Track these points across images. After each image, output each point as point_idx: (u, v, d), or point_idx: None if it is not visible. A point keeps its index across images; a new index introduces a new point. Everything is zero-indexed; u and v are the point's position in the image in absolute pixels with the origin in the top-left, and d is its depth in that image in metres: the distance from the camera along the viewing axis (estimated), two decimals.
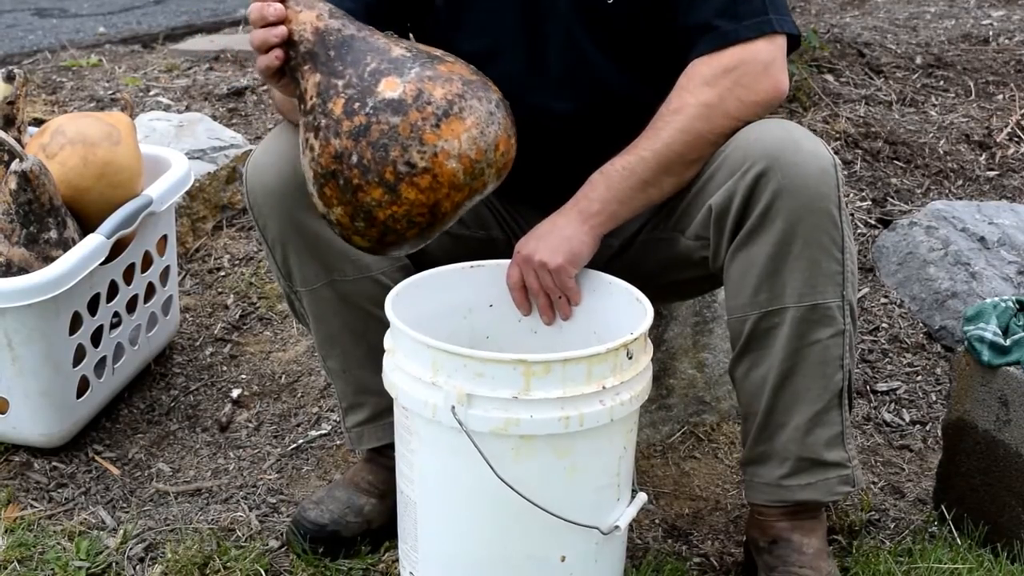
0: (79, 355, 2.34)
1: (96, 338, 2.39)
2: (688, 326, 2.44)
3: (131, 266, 2.46)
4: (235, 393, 2.58)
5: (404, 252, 1.85)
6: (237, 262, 2.97)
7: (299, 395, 2.58)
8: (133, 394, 2.58)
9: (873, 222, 3.05)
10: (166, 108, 3.58)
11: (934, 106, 3.69)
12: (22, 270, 2.26)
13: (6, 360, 2.26)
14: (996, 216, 2.91)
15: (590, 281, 1.95)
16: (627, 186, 1.88)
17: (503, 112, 1.77)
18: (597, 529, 1.80)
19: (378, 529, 2.12)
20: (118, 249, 2.39)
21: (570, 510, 1.77)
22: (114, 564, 2.11)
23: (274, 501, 2.28)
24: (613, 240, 1.99)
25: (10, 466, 2.37)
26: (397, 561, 2.01)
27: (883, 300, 2.81)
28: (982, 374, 2.06)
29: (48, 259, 2.27)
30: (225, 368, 2.67)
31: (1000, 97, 3.76)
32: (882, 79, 3.82)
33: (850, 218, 2.48)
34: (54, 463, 2.38)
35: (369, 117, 1.70)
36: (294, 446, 2.44)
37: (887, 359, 2.66)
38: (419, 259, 2.01)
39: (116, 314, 2.45)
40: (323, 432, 2.47)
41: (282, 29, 1.75)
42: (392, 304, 1.83)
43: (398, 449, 1.87)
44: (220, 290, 2.90)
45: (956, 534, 2.13)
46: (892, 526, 2.21)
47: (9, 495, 2.29)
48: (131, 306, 2.49)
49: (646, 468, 2.36)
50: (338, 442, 2.43)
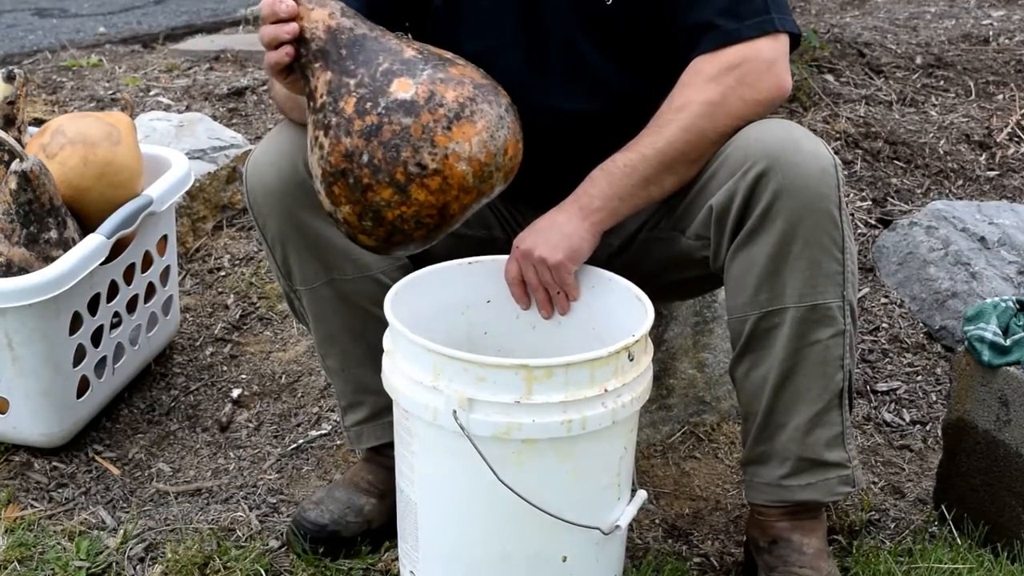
0: (79, 355, 2.34)
1: (96, 338, 2.39)
2: (688, 326, 2.44)
3: (131, 266, 2.46)
4: (235, 393, 2.58)
5: (409, 252, 1.86)
6: (237, 262, 2.97)
7: (299, 395, 2.58)
8: (133, 394, 2.57)
9: (873, 222, 3.05)
10: (166, 108, 3.58)
11: (934, 106, 3.68)
12: (22, 270, 2.26)
13: (6, 360, 2.26)
14: (996, 216, 2.90)
15: (590, 277, 1.95)
16: (629, 183, 1.88)
17: (512, 116, 1.77)
18: (598, 529, 1.80)
19: (378, 529, 2.12)
20: (118, 249, 2.39)
21: (572, 511, 1.77)
22: (114, 564, 2.11)
23: (274, 501, 2.28)
24: (613, 239, 1.99)
25: (10, 466, 2.37)
26: (397, 560, 2.01)
27: (883, 300, 2.81)
28: (982, 374, 2.06)
29: (48, 259, 2.27)
30: (225, 368, 2.66)
31: (1000, 97, 3.76)
32: (882, 79, 3.82)
33: (850, 218, 2.47)
34: (54, 463, 2.38)
35: (381, 117, 1.70)
36: (294, 446, 2.44)
37: (887, 359, 2.66)
38: (420, 258, 2.01)
39: (116, 314, 2.45)
40: (323, 432, 2.47)
41: (294, 26, 1.75)
42: (391, 304, 1.83)
43: (398, 449, 1.87)
44: (220, 290, 2.90)
45: (956, 534, 2.13)
46: (892, 526, 2.21)
47: (9, 495, 2.28)
48: (131, 306, 2.49)
49: (646, 468, 2.35)
50: (338, 442, 2.43)
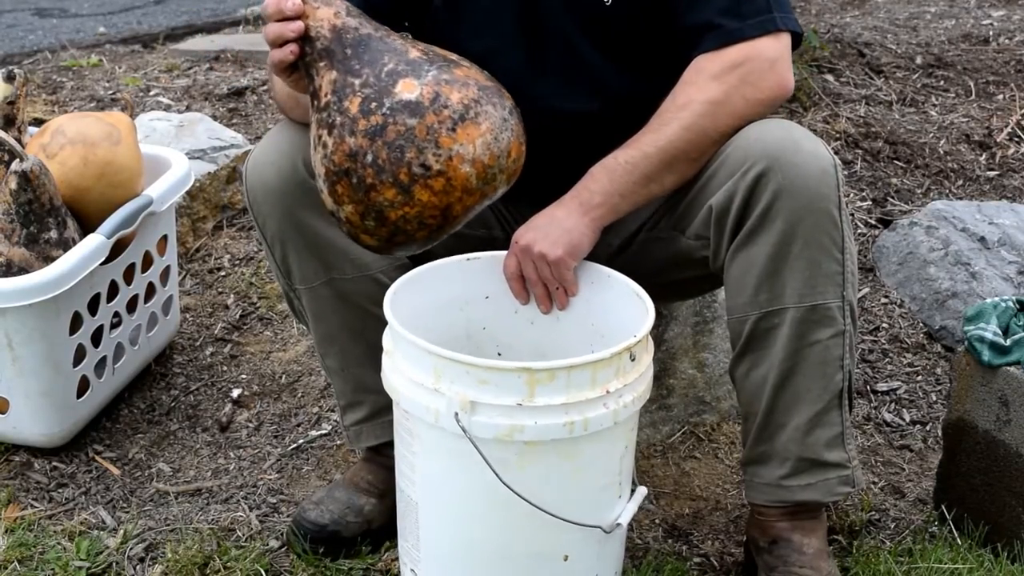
0: (79, 355, 2.34)
1: (96, 338, 2.39)
2: (688, 326, 2.44)
3: (131, 266, 2.46)
4: (235, 393, 2.58)
5: (410, 252, 1.85)
6: (237, 262, 2.97)
7: (299, 395, 2.58)
8: (133, 394, 2.57)
9: (873, 222, 3.05)
10: (166, 108, 3.58)
11: (934, 106, 3.69)
12: (22, 270, 2.26)
13: (6, 360, 2.26)
14: (996, 216, 2.90)
15: (589, 273, 1.94)
16: (629, 180, 1.87)
17: (515, 119, 1.78)
18: (600, 528, 1.80)
19: (378, 529, 2.12)
20: (118, 249, 2.39)
21: (573, 511, 1.77)
22: (114, 564, 2.11)
23: (274, 501, 2.28)
24: (612, 239, 1.99)
25: (10, 466, 2.37)
26: (397, 560, 2.01)
27: (883, 300, 2.81)
28: (982, 374, 2.06)
29: (48, 259, 2.27)
30: (225, 368, 2.66)
31: (1000, 97, 3.76)
32: (882, 79, 3.82)
33: (850, 218, 2.48)
34: (54, 463, 2.38)
35: (386, 117, 1.70)
36: (294, 446, 2.44)
37: (887, 359, 2.66)
38: (420, 258, 2.01)
39: (116, 314, 2.45)
40: (323, 432, 2.47)
41: (299, 24, 1.75)
42: (391, 304, 1.83)
43: (398, 449, 1.87)
44: (220, 290, 2.90)
45: (956, 534, 2.13)
46: (892, 526, 2.21)
47: (9, 495, 2.28)
48: (131, 306, 2.49)
49: (646, 468, 2.35)
50: (338, 442, 2.43)
